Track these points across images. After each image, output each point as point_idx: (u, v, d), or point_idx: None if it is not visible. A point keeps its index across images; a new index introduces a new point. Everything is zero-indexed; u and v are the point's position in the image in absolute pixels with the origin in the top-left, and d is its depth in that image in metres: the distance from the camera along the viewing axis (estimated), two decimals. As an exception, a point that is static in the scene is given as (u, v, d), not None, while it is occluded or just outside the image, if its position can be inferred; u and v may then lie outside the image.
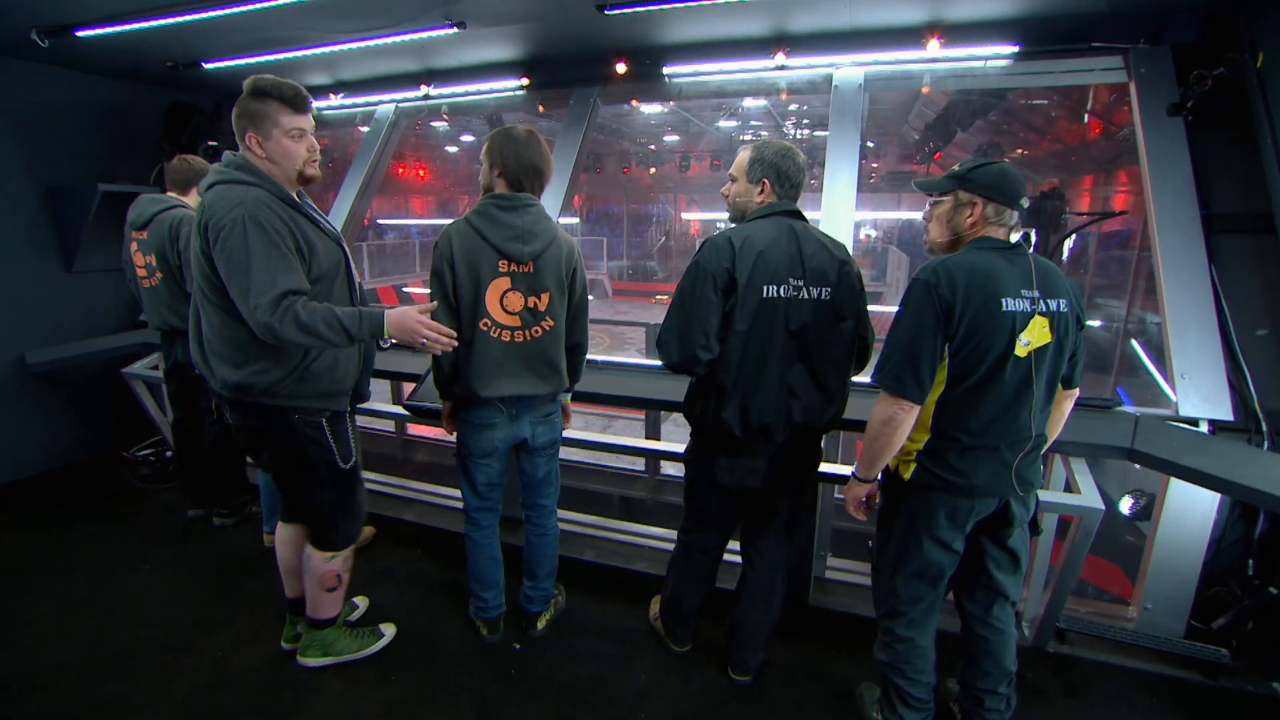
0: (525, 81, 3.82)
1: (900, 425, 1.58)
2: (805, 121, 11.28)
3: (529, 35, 3.43)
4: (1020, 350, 1.53)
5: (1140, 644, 2.38)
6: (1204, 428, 2.29)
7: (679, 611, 2.32)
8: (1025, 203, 1.62)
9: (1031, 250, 1.63)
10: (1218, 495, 2.26)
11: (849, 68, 3.29)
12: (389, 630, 2.49)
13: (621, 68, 3.58)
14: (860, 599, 2.69)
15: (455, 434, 2.25)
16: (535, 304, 2.05)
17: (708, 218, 18.82)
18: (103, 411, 4.33)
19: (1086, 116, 8.29)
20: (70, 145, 4.09)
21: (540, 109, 4.02)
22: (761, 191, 1.90)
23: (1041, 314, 1.55)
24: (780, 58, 3.29)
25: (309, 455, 1.98)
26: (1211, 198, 2.63)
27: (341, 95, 4.43)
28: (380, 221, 17.34)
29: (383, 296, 13.13)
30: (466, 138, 11.77)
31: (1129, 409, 2.37)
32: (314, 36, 3.33)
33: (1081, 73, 3.05)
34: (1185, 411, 2.32)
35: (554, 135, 3.76)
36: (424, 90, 4.10)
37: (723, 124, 11.75)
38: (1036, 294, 1.55)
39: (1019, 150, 9.80)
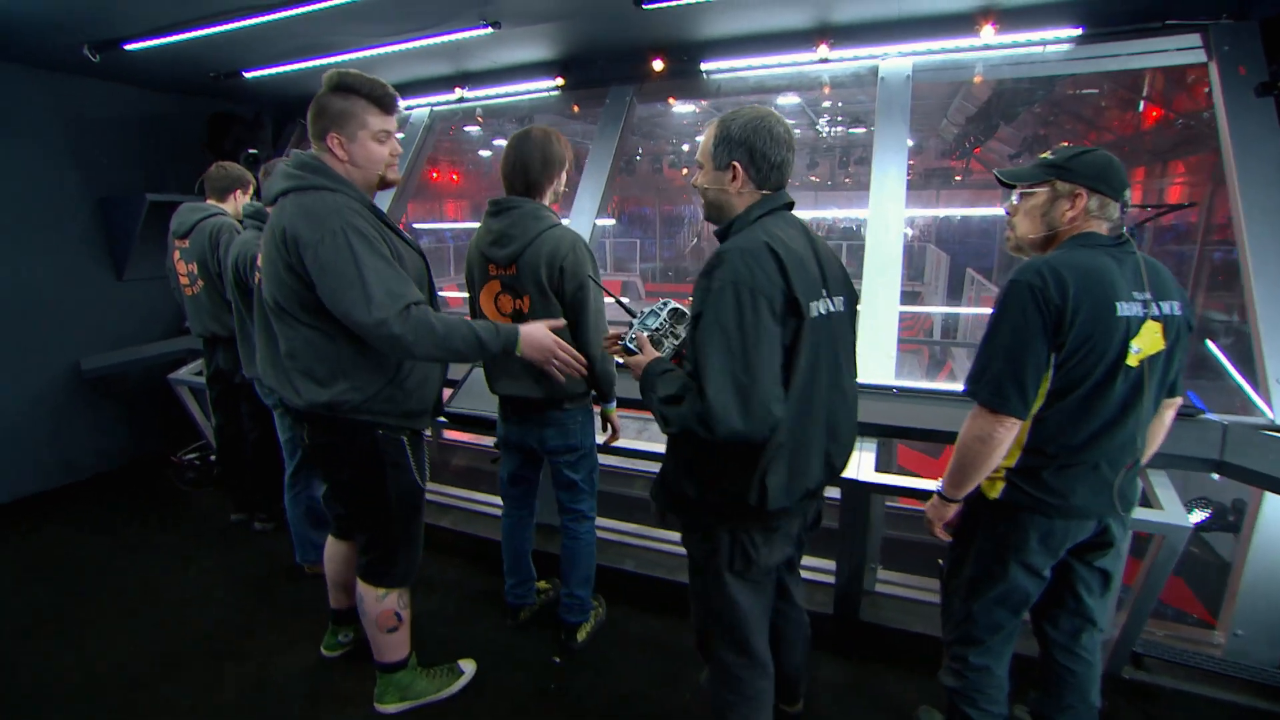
0: (560, 81, 3.75)
1: (1000, 444, 1.42)
2: (840, 119, 11.03)
3: (564, 34, 3.35)
4: (1132, 359, 1.37)
5: (1229, 673, 2.18)
6: (1299, 437, 2.08)
7: None
8: (1128, 195, 1.46)
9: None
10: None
11: (896, 58, 3.12)
12: (469, 667, 2.30)
13: (658, 65, 3.49)
14: (913, 614, 2.53)
15: None
16: (519, 306, 2.00)
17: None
18: (151, 416, 4.41)
19: (1141, 104, 7.88)
20: (119, 157, 4.18)
21: (575, 109, 3.95)
22: (734, 179, 1.41)
23: (1154, 318, 1.39)
24: (823, 50, 3.14)
25: (387, 477, 1.81)
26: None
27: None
28: (415, 226, 17.57)
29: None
30: (499, 141, 11.84)
31: (1212, 417, 2.17)
32: (351, 41, 3.32)
33: (1153, 54, 2.82)
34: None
35: (589, 137, 3.68)
36: (458, 93, 4.06)
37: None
38: (1148, 296, 1.39)
39: (1064, 142, 9.37)
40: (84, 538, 3.36)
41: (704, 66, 3.47)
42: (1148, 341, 1.39)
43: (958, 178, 14.23)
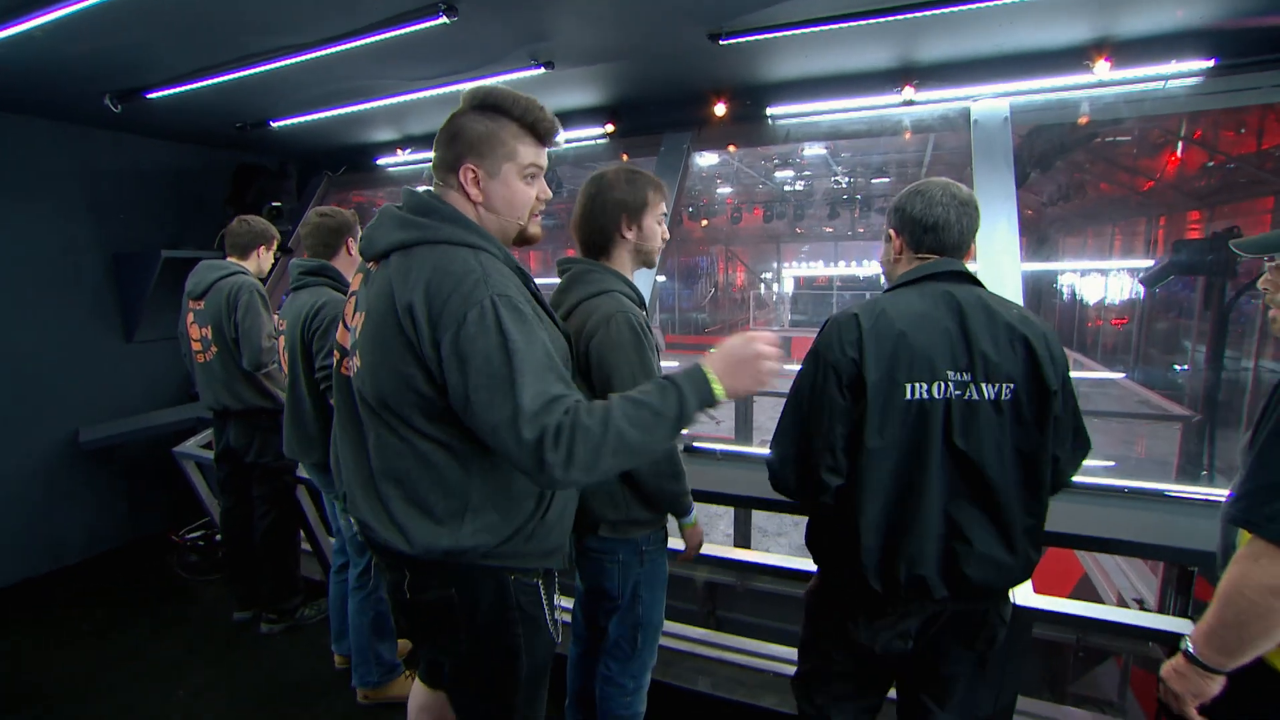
0: (610, 128, 3.46)
1: None
2: (859, 169, 10.78)
3: (618, 75, 3.07)
4: None
5: None
6: None
7: None
8: None
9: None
10: None
11: (990, 99, 2.80)
12: None
13: (721, 109, 3.19)
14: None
15: None
16: None
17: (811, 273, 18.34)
18: (153, 491, 3.99)
19: (1182, 145, 7.62)
20: (137, 212, 3.90)
21: (624, 158, 3.65)
22: (898, 249, 1.39)
23: None
24: (909, 91, 2.83)
25: (519, 640, 1.24)
26: None
27: (409, 150, 4.16)
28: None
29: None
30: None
31: None
32: (386, 86, 3.04)
33: (1296, 88, 2.47)
34: None
35: (703, 179, 3.36)
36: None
37: (778, 174, 11.44)
38: None
39: (1103, 186, 9.13)
40: (61, 648, 2.88)
41: (770, 110, 3.17)
42: None
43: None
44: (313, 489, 2.85)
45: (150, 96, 2.97)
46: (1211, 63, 2.47)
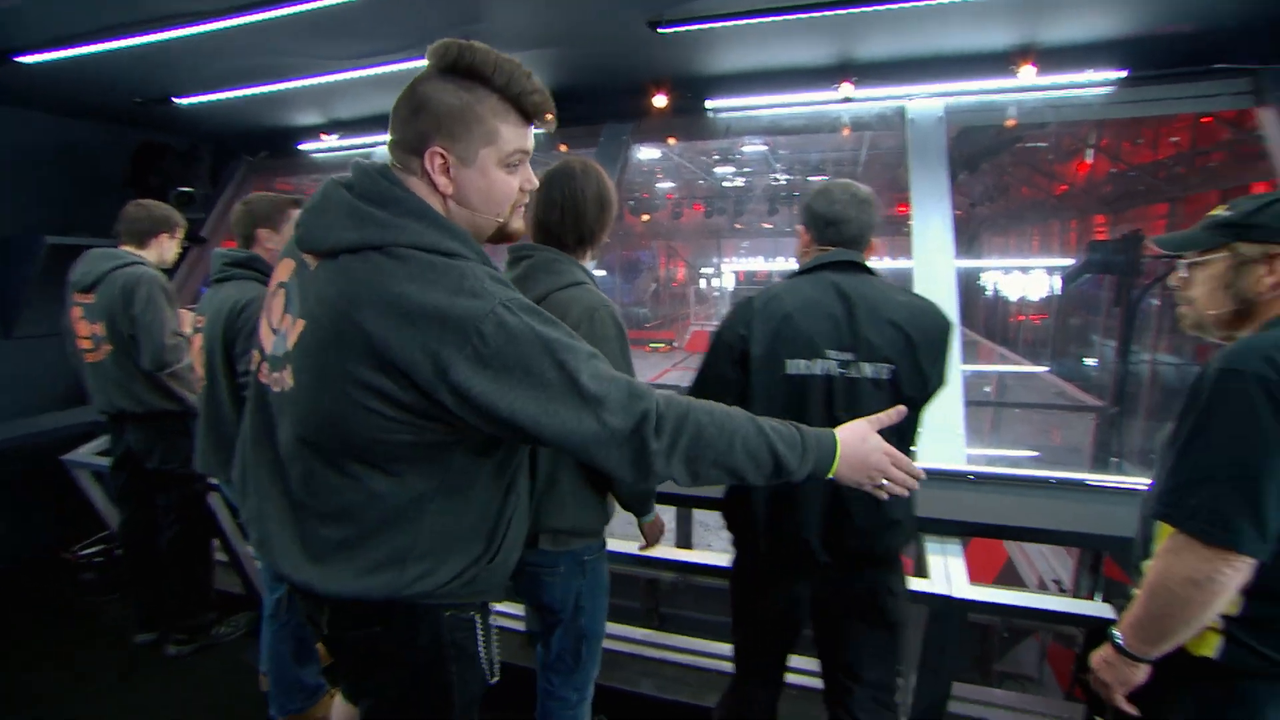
0: (549, 117, 3.35)
1: (1224, 590, 1.03)
2: (797, 166, 11.01)
3: (556, 62, 2.97)
4: None
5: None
6: None
7: None
8: None
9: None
10: None
11: (925, 99, 2.87)
12: None
13: (661, 100, 3.15)
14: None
15: None
16: None
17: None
18: (40, 504, 3.60)
19: (1092, 153, 8.16)
20: (19, 192, 3.51)
21: (562, 149, 3.56)
22: (806, 243, 1.54)
23: None
24: (847, 88, 2.87)
25: (452, 678, 1.11)
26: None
27: (336, 136, 3.93)
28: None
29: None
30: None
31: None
32: (307, 65, 2.84)
33: (1198, 98, 2.65)
34: None
35: (641, 172, 3.29)
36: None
37: (718, 170, 11.56)
38: None
39: (1024, 189, 9.69)
40: (-66, 675, 2.58)
41: (710, 104, 3.15)
42: None
43: (909, 223, 14.60)
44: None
45: (22, 61, 2.66)
46: (1124, 73, 2.61)
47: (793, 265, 1.58)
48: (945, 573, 1.84)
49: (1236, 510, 1.00)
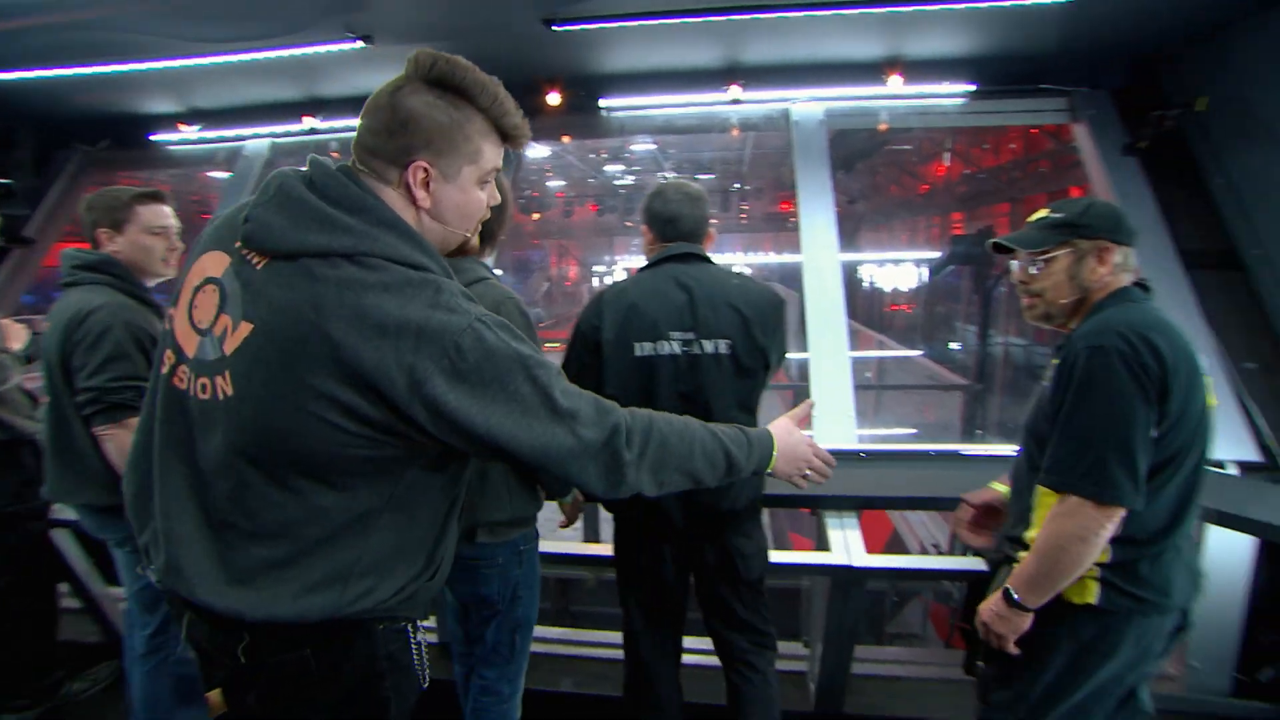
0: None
1: (1103, 541, 1.23)
2: (686, 165, 11.37)
3: (444, 57, 2.92)
4: (1210, 417, 1.28)
5: (1200, 710, 2.22)
6: (1232, 470, 2.22)
7: None
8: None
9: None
10: (1252, 542, 2.18)
11: (806, 102, 3.10)
12: None
13: (555, 98, 3.17)
14: (898, 696, 2.35)
15: None
16: None
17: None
18: None
19: (949, 156, 9.11)
20: None
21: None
22: (650, 240, 1.69)
23: (1207, 372, 1.31)
24: (735, 90, 3.04)
25: (388, 694, 1.08)
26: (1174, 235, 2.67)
27: (198, 127, 3.60)
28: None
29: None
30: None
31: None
32: (162, 46, 2.59)
33: (1032, 113, 3.07)
34: (1216, 454, 2.23)
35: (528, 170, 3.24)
36: (307, 122, 3.41)
37: (608, 168, 11.69)
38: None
39: (892, 188, 10.63)
40: None
41: (604, 103, 3.21)
42: (1212, 396, 1.31)
43: (792, 220, 15.54)
44: (81, 532, 2.36)
45: None
46: (973, 87, 2.97)
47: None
48: (845, 545, 2.02)
49: (1118, 469, 1.19)
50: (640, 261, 1.70)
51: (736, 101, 3.09)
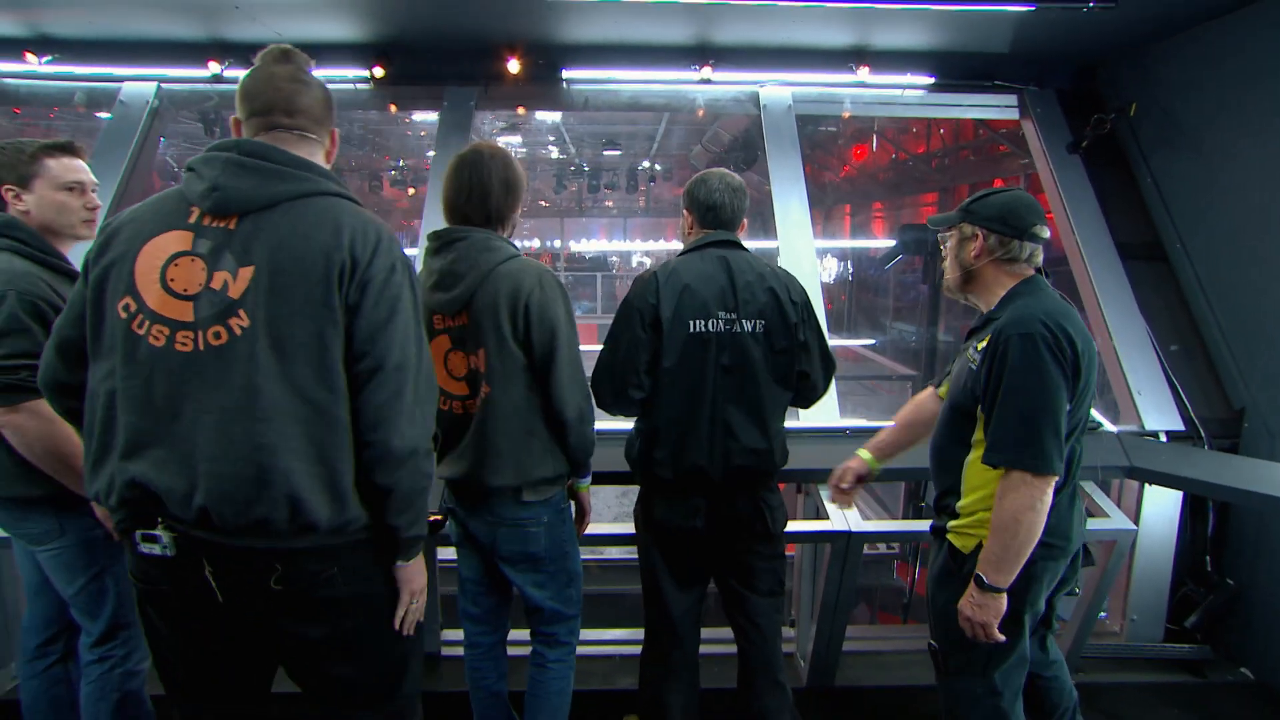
0: (378, 73, 3.22)
1: (1045, 507, 1.48)
2: (588, 140, 11.07)
3: (390, 8, 2.87)
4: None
5: (1139, 655, 2.71)
6: (1162, 439, 2.72)
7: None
8: (1044, 233, 1.61)
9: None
10: (1179, 500, 2.70)
11: (776, 86, 3.36)
12: None
13: (514, 66, 3.21)
14: (883, 669, 2.68)
15: None
16: (475, 365, 1.70)
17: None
18: None
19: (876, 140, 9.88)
20: None
21: (392, 109, 3.44)
22: (690, 224, 1.94)
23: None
24: (706, 71, 3.23)
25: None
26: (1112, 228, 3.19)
27: (50, 58, 3.24)
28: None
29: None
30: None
31: (1109, 428, 2.71)
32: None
33: (987, 108, 3.51)
34: (1149, 425, 2.73)
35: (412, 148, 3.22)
36: (212, 68, 3.22)
37: (503, 139, 11.35)
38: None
39: (827, 175, 11.32)
40: None
41: (567, 74, 3.28)
42: None
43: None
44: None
45: None
46: (932, 79, 3.35)
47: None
48: (842, 514, 2.31)
49: (1050, 442, 1.43)
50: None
51: (707, 81, 3.29)
